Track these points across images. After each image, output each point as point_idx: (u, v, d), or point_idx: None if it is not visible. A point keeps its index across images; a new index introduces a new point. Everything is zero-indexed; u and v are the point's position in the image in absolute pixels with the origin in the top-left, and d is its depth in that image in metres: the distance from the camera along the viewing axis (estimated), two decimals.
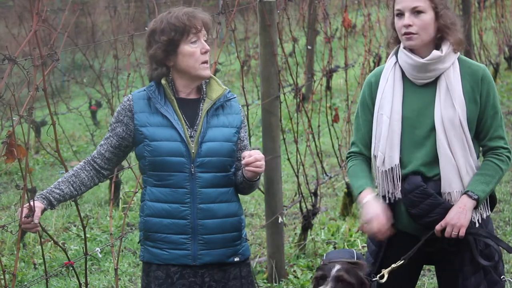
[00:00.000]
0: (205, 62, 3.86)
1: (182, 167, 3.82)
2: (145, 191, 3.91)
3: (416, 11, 3.86)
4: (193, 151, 3.83)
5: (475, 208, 3.89)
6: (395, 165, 3.93)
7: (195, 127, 3.87)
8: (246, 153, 3.80)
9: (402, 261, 3.94)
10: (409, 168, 3.93)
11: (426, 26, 3.87)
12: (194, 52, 3.84)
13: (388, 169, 3.94)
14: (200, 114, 3.89)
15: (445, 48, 3.89)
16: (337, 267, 3.85)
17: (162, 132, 3.83)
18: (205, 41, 3.88)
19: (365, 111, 4.06)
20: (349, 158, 4.13)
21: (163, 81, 3.87)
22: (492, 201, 4.03)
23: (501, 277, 3.96)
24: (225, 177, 3.90)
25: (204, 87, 3.94)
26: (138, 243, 4.02)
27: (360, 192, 3.99)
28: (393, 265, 3.95)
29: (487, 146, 3.95)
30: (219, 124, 3.89)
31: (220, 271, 3.91)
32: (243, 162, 3.80)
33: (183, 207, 3.83)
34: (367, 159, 4.08)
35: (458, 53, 3.97)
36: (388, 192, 3.98)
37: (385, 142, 3.95)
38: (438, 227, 3.87)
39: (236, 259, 3.93)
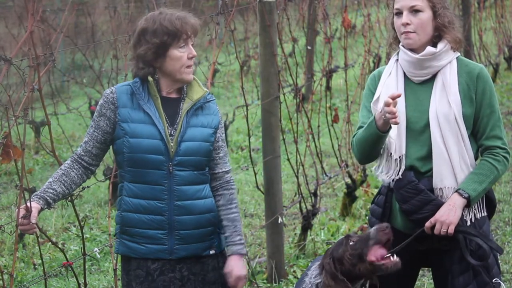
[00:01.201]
0: (190, 66, 3.92)
1: (161, 165, 3.87)
2: (122, 186, 3.95)
3: (414, 10, 3.90)
4: (172, 149, 3.88)
5: (468, 206, 3.89)
6: (402, 154, 3.95)
7: (175, 126, 3.92)
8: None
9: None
10: (405, 162, 3.95)
11: (424, 25, 3.90)
12: (182, 56, 3.89)
13: (397, 158, 3.96)
14: (180, 113, 3.93)
15: (441, 45, 3.91)
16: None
17: (143, 129, 3.87)
18: (192, 45, 3.93)
19: (370, 101, 4.08)
20: (355, 136, 4.10)
21: (149, 78, 3.91)
22: (489, 202, 4.02)
23: (493, 280, 3.93)
24: (201, 174, 3.96)
25: (184, 87, 3.99)
26: (114, 236, 4.04)
27: (373, 119, 3.91)
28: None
29: (484, 145, 3.95)
30: (198, 124, 3.95)
31: (198, 263, 3.98)
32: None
33: (160, 203, 3.88)
34: None
35: (458, 53, 3.98)
36: (392, 180, 4.00)
37: (395, 130, 3.97)
38: (428, 224, 3.88)
39: (212, 251, 4.00)
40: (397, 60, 4.03)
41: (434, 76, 3.95)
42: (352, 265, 3.84)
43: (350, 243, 3.86)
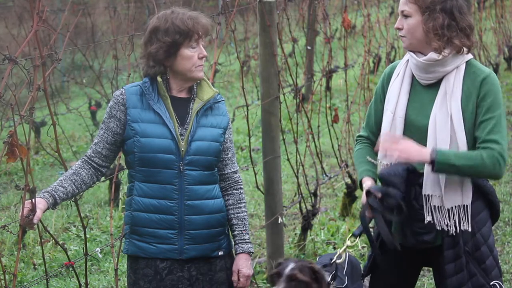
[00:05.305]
0: (200, 65, 3.95)
1: (171, 164, 3.89)
2: (132, 186, 3.97)
3: (404, 15, 3.88)
4: (182, 149, 3.91)
5: (432, 169, 3.78)
6: (395, 159, 3.93)
7: (186, 125, 3.95)
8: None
9: (357, 240, 3.98)
10: None
11: (411, 30, 3.86)
12: (193, 56, 3.92)
13: (388, 164, 3.95)
14: (190, 113, 3.97)
15: (446, 51, 3.83)
16: (291, 265, 3.91)
17: (154, 129, 3.90)
18: (202, 45, 3.96)
19: (377, 101, 4.10)
20: (357, 141, 4.19)
21: (158, 79, 3.93)
22: (492, 206, 3.96)
23: (491, 283, 3.89)
24: (211, 175, 4.00)
25: (194, 87, 4.03)
26: (124, 236, 4.05)
27: (361, 179, 4.03)
28: (348, 243, 4.00)
29: (481, 147, 3.80)
30: (208, 124, 3.98)
31: (206, 264, 4.01)
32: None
33: (170, 203, 3.91)
34: (373, 144, 4.10)
35: (469, 56, 3.89)
36: None
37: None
38: (385, 138, 3.84)
39: (220, 253, 4.04)
40: (408, 60, 3.99)
41: (440, 81, 3.88)
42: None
43: (273, 277, 3.94)
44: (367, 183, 3.97)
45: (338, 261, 4.03)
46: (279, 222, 6.17)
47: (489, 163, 3.75)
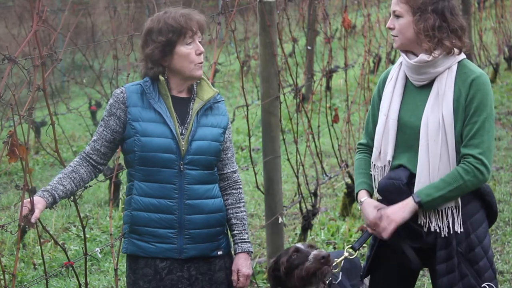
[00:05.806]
0: (199, 63, 3.95)
1: (172, 164, 3.90)
2: (132, 185, 3.97)
3: (396, 15, 3.89)
4: (183, 148, 3.92)
5: (425, 210, 3.84)
6: (388, 161, 3.95)
7: (186, 125, 3.95)
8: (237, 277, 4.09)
9: (355, 253, 4.05)
10: (397, 164, 3.95)
11: (402, 30, 3.87)
12: (189, 53, 3.92)
13: (382, 166, 3.96)
14: (190, 113, 3.97)
15: (437, 52, 3.83)
16: (299, 244, 4.12)
17: (154, 128, 3.90)
18: (199, 42, 3.96)
19: (374, 107, 4.11)
20: (357, 150, 4.20)
21: (161, 78, 3.93)
22: (489, 208, 3.97)
23: (482, 285, 3.89)
24: (211, 174, 4.01)
25: (194, 87, 4.03)
26: (123, 235, 4.05)
27: (358, 191, 4.06)
28: (346, 254, 4.06)
29: (461, 152, 3.83)
30: (208, 124, 3.99)
31: (206, 263, 4.02)
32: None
33: (170, 202, 3.92)
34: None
35: (461, 56, 3.89)
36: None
37: (380, 139, 3.98)
38: (378, 214, 3.88)
39: (220, 252, 4.05)
40: (401, 62, 4.01)
41: (433, 81, 3.89)
42: (285, 275, 4.05)
43: (292, 256, 4.03)
44: (364, 198, 4.01)
45: (334, 271, 4.09)
46: (279, 222, 6.17)
47: (469, 178, 3.79)
